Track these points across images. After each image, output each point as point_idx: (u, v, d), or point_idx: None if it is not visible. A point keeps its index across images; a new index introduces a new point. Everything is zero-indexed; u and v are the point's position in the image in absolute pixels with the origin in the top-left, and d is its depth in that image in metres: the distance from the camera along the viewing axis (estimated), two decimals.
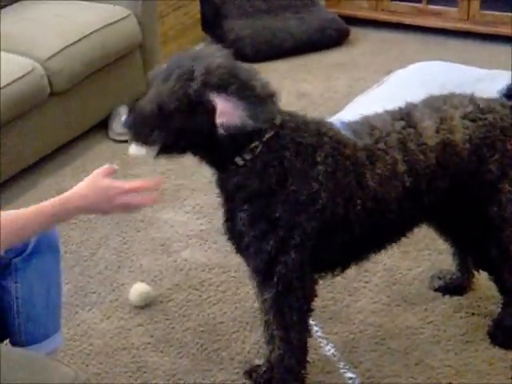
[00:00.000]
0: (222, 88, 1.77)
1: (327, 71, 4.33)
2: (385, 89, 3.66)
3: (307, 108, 3.87)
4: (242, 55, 4.45)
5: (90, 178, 1.79)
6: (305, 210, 1.89)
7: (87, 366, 2.34)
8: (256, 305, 2.52)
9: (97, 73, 3.57)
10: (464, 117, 2.07)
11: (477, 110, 2.09)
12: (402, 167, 1.99)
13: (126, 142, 3.57)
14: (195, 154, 1.92)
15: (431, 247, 2.78)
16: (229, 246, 2.81)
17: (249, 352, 2.36)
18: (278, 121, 1.88)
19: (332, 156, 1.91)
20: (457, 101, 2.11)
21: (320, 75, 4.27)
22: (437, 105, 2.10)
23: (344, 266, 2.14)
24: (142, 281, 2.65)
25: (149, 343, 2.42)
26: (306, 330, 2.08)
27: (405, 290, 2.59)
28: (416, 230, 2.34)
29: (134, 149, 1.91)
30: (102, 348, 2.41)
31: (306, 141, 1.89)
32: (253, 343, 2.39)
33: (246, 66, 1.88)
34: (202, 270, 2.74)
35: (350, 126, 2.04)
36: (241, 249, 2.02)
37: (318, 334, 2.39)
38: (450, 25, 4.69)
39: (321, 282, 2.14)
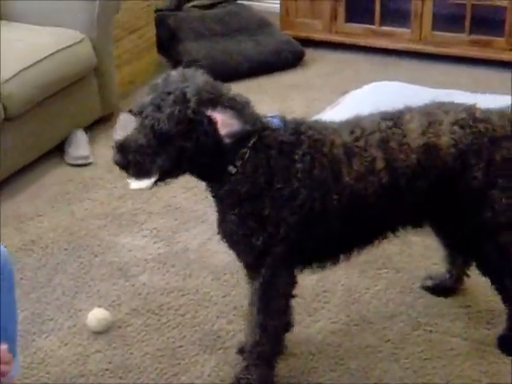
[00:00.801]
0: (214, 102, 1.93)
1: (283, 92, 4.36)
2: (340, 109, 3.70)
3: None
4: None
5: None
6: (287, 206, 2.04)
7: None
8: (215, 328, 2.53)
9: (52, 97, 3.55)
10: (454, 123, 2.14)
11: (470, 117, 2.16)
12: (380, 164, 2.08)
13: (82, 165, 3.57)
14: (192, 172, 2.06)
15: (388, 266, 2.81)
16: (187, 269, 2.83)
17: (209, 375, 2.35)
18: (258, 124, 2.02)
19: (309, 154, 2.04)
20: (452, 107, 2.19)
21: (276, 96, 4.30)
22: (430, 109, 2.18)
23: (327, 259, 2.24)
24: (100, 306, 2.62)
25: (107, 369, 2.39)
26: (283, 320, 2.23)
27: (363, 309, 2.60)
28: (373, 249, 2.37)
29: (135, 184, 2.00)
30: (59, 376, 2.37)
31: (286, 139, 2.03)
32: (213, 366, 2.38)
33: (218, 81, 2.04)
34: (161, 293, 2.72)
35: (334, 124, 2.16)
36: (232, 246, 2.17)
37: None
38: (402, 45, 4.76)
39: None
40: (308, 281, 2.58)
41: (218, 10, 5.02)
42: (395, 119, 2.14)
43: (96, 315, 2.55)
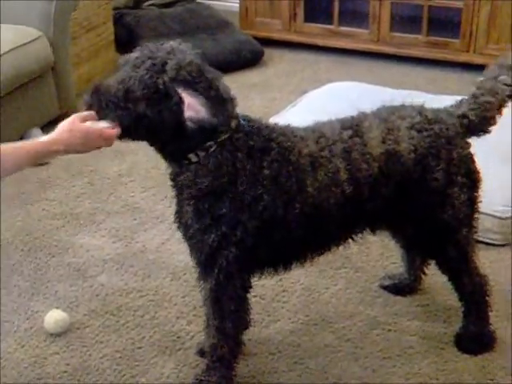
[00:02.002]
0: (190, 84, 1.89)
1: (242, 92, 4.35)
2: (299, 109, 3.71)
3: None
4: None
5: (70, 122, 1.95)
6: (248, 210, 2.01)
7: None
8: (174, 329, 2.52)
9: (8, 95, 3.49)
10: (411, 127, 2.15)
11: (424, 120, 2.17)
12: (343, 175, 2.08)
13: (38, 165, 3.52)
14: (152, 143, 2.03)
15: (347, 265, 2.82)
16: (146, 270, 2.81)
17: (168, 377, 2.33)
18: (233, 124, 2.00)
19: (277, 161, 2.03)
20: (405, 112, 2.20)
21: (236, 96, 4.28)
22: (385, 115, 2.19)
23: (282, 264, 2.22)
24: (58, 307, 2.59)
25: (65, 372, 2.36)
26: (240, 321, 2.20)
27: (322, 309, 2.61)
28: (332, 250, 2.38)
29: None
30: (16, 379, 2.34)
31: (257, 145, 2.02)
32: (172, 368, 2.36)
33: (211, 68, 2.01)
34: (119, 294, 2.69)
35: (300, 130, 2.15)
36: (187, 238, 2.13)
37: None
38: (361, 46, 4.80)
39: None
40: (267, 280, 2.58)
41: (177, 9, 5.00)
42: (354, 127, 2.14)
43: (53, 317, 2.51)
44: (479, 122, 2.25)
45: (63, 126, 1.96)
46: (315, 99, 3.81)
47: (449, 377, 2.33)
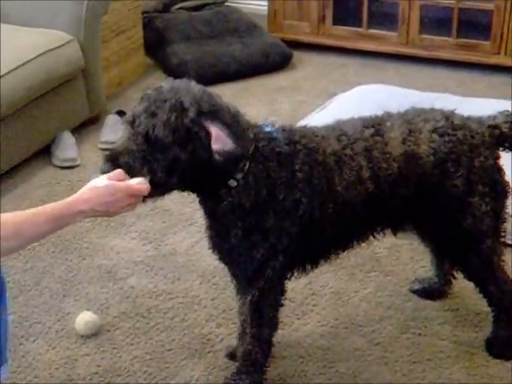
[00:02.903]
0: (213, 116, 1.86)
1: (271, 95, 4.36)
2: (328, 112, 3.70)
3: None
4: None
5: (94, 181, 1.85)
6: (290, 216, 2.02)
7: None
8: (204, 331, 2.52)
9: (39, 98, 3.53)
10: (433, 131, 2.13)
11: (449, 125, 2.15)
12: (366, 173, 2.08)
13: (69, 168, 3.55)
14: (185, 188, 1.98)
15: (377, 269, 2.81)
16: (175, 272, 2.83)
17: (197, 379, 2.34)
18: (251, 133, 1.98)
19: (307, 163, 2.02)
20: (431, 115, 2.18)
21: (264, 99, 4.30)
22: (410, 117, 2.17)
23: (314, 265, 2.24)
24: (88, 309, 2.61)
25: (96, 373, 2.38)
26: (276, 325, 2.21)
27: (352, 313, 2.60)
28: (362, 253, 2.37)
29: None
30: (47, 380, 2.36)
31: (284, 150, 2.00)
32: (202, 370, 2.37)
33: (212, 93, 1.98)
34: (149, 296, 2.71)
35: (320, 130, 2.13)
36: (231, 261, 2.12)
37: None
38: (390, 48, 4.78)
39: None
40: (297, 284, 2.58)
41: (205, 12, 5.01)
42: (376, 127, 2.14)
43: (84, 318, 2.53)
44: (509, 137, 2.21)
45: (87, 185, 1.85)
46: (344, 102, 3.80)
47: (480, 382, 2.31)
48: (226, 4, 5.28)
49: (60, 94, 3.68)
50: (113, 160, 1.87)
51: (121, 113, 3.92)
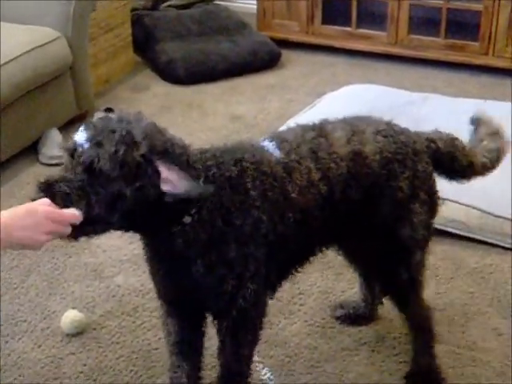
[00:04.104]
0: (166, 155, 1.72)
1: (260, 93, 4.35)
2: (317, 111, 3.70)
3: (240, 130, 3.89)
4: (174, 78, 4.47)
5: (12, 208, 1.67)
6: (253, 240, 1.88)
7: None
8: None
9: (27, 95, 3.51)
10: (376, 132, 2.08)
11: (390, 129, 2.11)
12: (316, 175, 1.99)
13: (56, 165, 3.53)
14: (128, 226, 1.80)
15: None
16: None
17: None
18: (200, 166, 1.82)
19: (257, 178, 1.90)
20: (372, 120, 2.14)
21: (253, 97, 4.30)
22: (350, 121, 2.12)
23: (280, 282, 2.13)
24: (74, 308, 2.60)
25: (81, 372, 2.36)
26: (256, 343, 2.09)
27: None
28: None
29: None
30: (33, 378, 2.34)
31: (232, 173, 1.87)
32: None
33: (163, 129, 1.80)
34: (136, 295, 2.70)
35: (257, 142, 2.03)
36: (195, 298, 1.96)
37: (254, 357, 2.37)
38: (378, 48, 4.78)
39: None
40: (284, 283, 2.57)
41: (194, 10, 5.01)
42: (317, 130, 2.06)
43: (70, 317, 2.52)
44: (447, 154, 2.16)
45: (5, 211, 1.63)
46: (332, 101, 3.80)
47: (470, 382, 2.31)
48: (215, 2, 5.28)
49: (47, 91, 3.66)
50: (46, 189, 1.68)
51: (109, 110, 3.89)
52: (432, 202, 2.15)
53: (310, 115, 3.68)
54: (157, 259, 1.95)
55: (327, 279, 2.75)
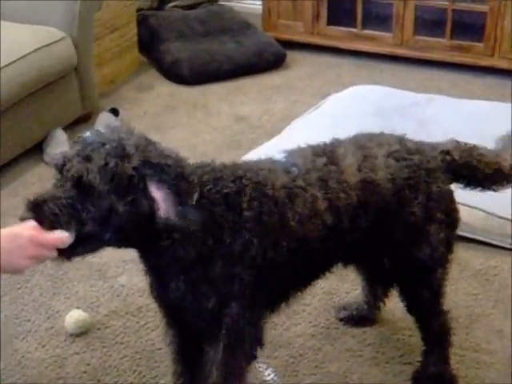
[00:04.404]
0: (157, 169, 1.65)
1: (265, 94, 4.35)
2: (322, 112, 3.70)
3: (245, 131, 3.89)
4: (179, 78, 4.47)
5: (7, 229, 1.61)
6: (240, 261, 1.82)
7: None
8: None
9: (32, 95, 3.51)
10: (388, 155, 2.01)
11: (403, 149, 2.03)
12: (322, 205, 1.91)
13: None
14: (121, 242, 1.74)
15: None
16: None
17: None
18: (195, 179, 1.76)
19: (255, 199, 1.83)
20: (384, 139, 2.06)
21: (257, 98, 4.30)
22: (362, 142, 2.04)
23: (273, 308, 2.05)
24: (78, 307, 2.60)
25: (85, 372, 2.36)
26: (246, 375, 2.00)
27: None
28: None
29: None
30: (36, 378, 2.34)
31: (229, 189, 1.80)
32: None
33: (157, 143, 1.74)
34: (140, 295, 2.69)
35: (265, 162, 1.96)
36: (180, 314, 1.93)
37: (258, 358, 2.37)
38: (384, 49, 4.78)
39: None
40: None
41: (199, 11, 5.02)
42: (328, 154, 1.98)
43: (74, 317, 2.52)
44: (464, 165, 2.09)
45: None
46: (337, 102, 3.80)
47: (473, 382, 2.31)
48: (221, 3, 5.28)
49: (53, 91, 3.66)
50: (35, 209, 1.62)
51: (114, 111, 3.91)
52: (451, 218, 2.09)
53: (315, 116, 3.68)
54: (148, 272, 1.92)
55: (331, 280, 2.73)
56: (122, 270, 2.84)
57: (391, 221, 2.02)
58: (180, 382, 2.14)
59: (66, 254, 1.67)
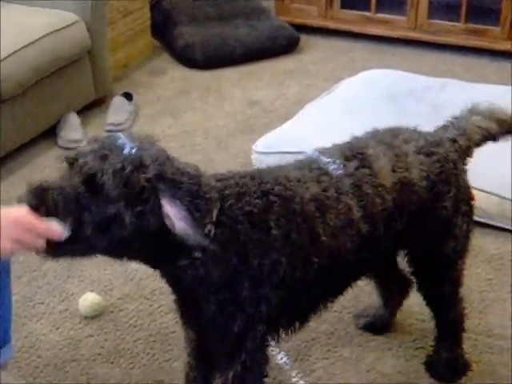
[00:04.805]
0: (171, 185, 1.57)
1: (278, 79, 4.34)
2: (335, 97, 3.69)
3: (258, 115, 3.88)
4: (192, 62, 4.46)
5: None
6: (268, 282, 1.73)
7: (35, 378, 2.29)
8: None
9: (45, 79, 3.52)
10: (418, 152, 1.95)
11: (428, 143, 1.98)
12: (357, 214, 1.83)
13: (74, 149, 3.53)
14: (120, 254, 1.67)
15: None
16: None
17: None
18: (215, 194, 1.67)
19: (283, 216, 1.73)
20: (407, 135, 2.00)
21: (271, 83, 4.29)
22: (388, 140, 1.96)
23: (301, 323, 1.98)
24: (92, 291, 2.62)
25: (99, 354, 2.38)
26: None
27: (356, 298, 2.59)
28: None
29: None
30: (50, 360, 2.36)
31: (254, 207, 1.70)
32: None
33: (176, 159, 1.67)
34: (153, 279, 2.70)
35: (294, 170, 1.84)
36: (205, 336, 1.88)
37: (270, 342, 2.38)
38: (398, 33, 4.75)
39: None
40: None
41: None
42: (359, 157, 1.89)
43: (88, 300, 2.54)
44: (466, 148, 2.05)
45: None
46: (351, 87, 3.78)
47: (482, 368, 2.30)
48: None
49: (66, 75, 3.67)
50: (36, 193, 1.55)
51: (127, 95, 3.91)
52: (470, 207, 2.07)
53: (328, 100, 3.66)
54: (172, 288, 1.83)
55: None
56: None
57: (425, 219, 1.98)
58: (193, 375, 2.08)
59: (54, 250, 1.57)
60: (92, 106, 3.92)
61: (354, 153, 1.90)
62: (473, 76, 4.20)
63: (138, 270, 2.75)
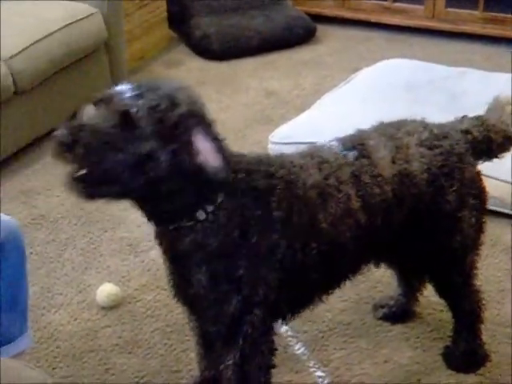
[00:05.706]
0: (203, 122, 1.61)
1: (294, 69, 4.33)
2: (352, 87, 3.67)
3: (275, 106, 3.88)
4: (209, 53, 4.46)
5: None
6: (266, 263, 1.74)
7: (54, 368, 2.31)
8: None
9: (62, 71, 3.53)
10: (420, 144, 1.95)
11: (432, 136, 1.97)
12: (355, 203, 1.85)
13: None
14: (145, 201, 1.66)
15: None
16: None
17: None
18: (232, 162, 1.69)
19: (286, 199, 1.75)
20: (411, 127, 2.00)
21: (287, 73, 4.27)
22: (391, 132, 1.97)
23: (297, 312, 1.99)
24: (110, 281, 2.63)
25: (117, 345, 2.39)
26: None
27: (373, 288, 2.59)
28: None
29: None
30: (69, 350, 2.38)
31: (260, 185, 1.73)
32: None
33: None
34: None
35: (298, 158, 1.87)
36: (197, 312, 1.87)
37: (288, 333, 2.39)
38: (415, 22, 4.72)
39: None
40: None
41: None
42: (359, 148, 1.91)
43: (105, 290, 2.55)
44: (483, 139, 2.04)
45: None
46: (368, 77, 3.77)
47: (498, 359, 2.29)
48: None
49: (82, 67, 3.67)
50: (73, 130, 1.55)
51: None
52: (481, 201, 2.05)
53: (346, 91, 3.65)
54: (166, 257, 1.84)
55: None
56: (152, 244, 2.83)
57: (426, 212, 1.98)
58: (204, 363, 2.09)
59: (89, 190, 1.59)
60: None
61: (355, 144, 1.92)
62: (491, 65, 4.16)
63: (155, 260, 2.76)
